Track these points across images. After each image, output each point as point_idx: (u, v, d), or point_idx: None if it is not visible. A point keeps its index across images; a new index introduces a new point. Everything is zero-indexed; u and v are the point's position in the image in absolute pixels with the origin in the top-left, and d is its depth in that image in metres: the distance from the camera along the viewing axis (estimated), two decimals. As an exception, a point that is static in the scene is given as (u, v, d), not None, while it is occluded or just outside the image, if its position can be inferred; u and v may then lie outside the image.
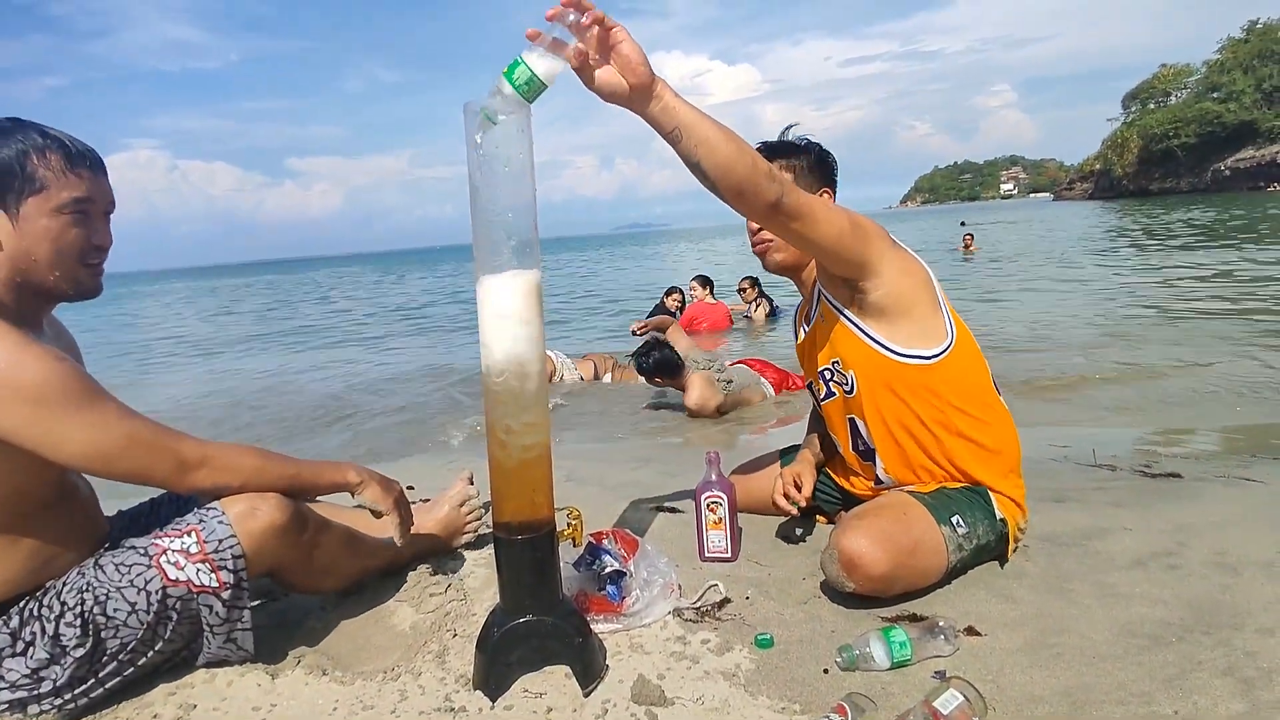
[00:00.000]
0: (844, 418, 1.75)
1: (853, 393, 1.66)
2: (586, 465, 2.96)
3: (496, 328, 1.17)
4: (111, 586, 1.22)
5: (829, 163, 1.73)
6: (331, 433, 4.58)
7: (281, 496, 1.33)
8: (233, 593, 1.26)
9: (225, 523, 1.26)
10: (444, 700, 1.24)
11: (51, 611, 1.21)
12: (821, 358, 1.73)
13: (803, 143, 1.75)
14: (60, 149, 1.22)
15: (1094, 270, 10.79)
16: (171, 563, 1.23)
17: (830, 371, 1.71)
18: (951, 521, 1.53)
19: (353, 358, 8.18)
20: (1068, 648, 1.32)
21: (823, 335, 1.70)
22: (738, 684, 1.26)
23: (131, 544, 1.27)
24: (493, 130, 1.11)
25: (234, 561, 1.25)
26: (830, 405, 1.77)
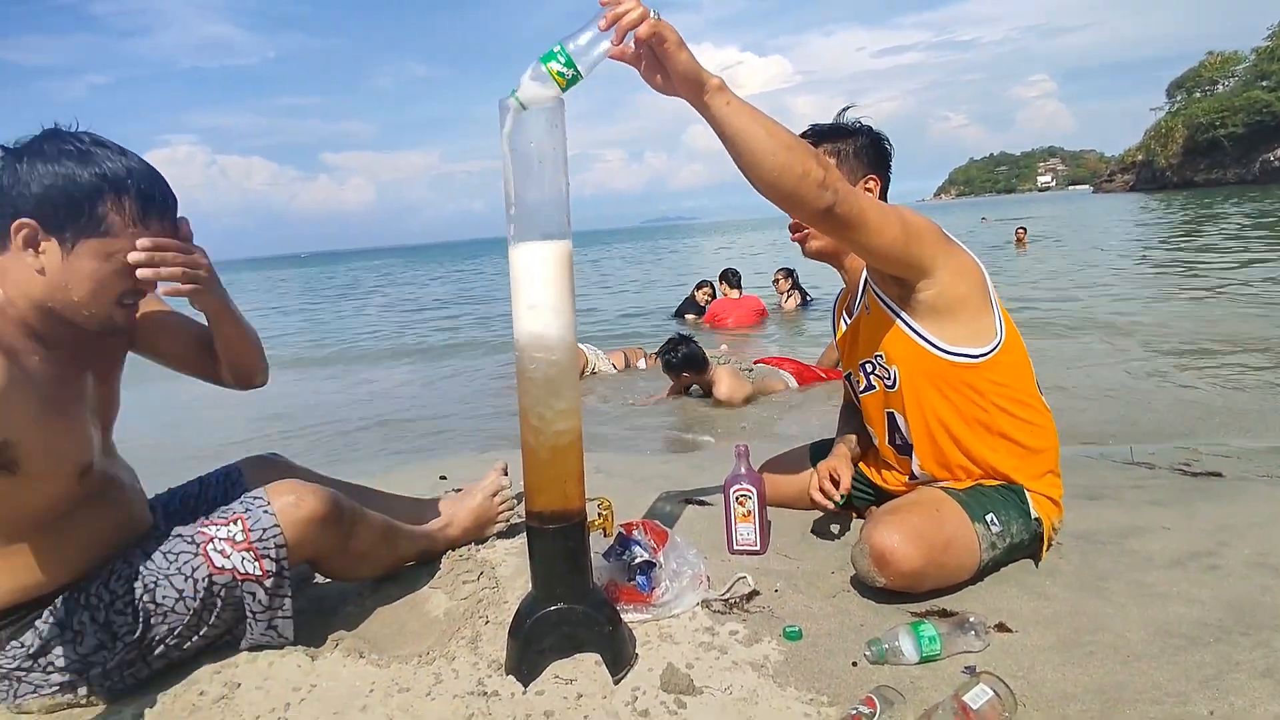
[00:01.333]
0: (883, 412, 1.73)
1: (894, 387, 1.64)
2: (616, 458, 2.99)
3: (529, 317, 1.19)
4: (160, 574, 1.27)
5: (882, 147, 1.69)
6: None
7: (322, 487, 1.38)
8: (275, 580, 1.30)
9: (270, 512, 1.30)
10: (477, 684, 1.27)
11: (101, 600, 1.25)
12: (864, 350, 1.70)
13: (854, 126, 1.71)
14: (139, 196, 1.17)
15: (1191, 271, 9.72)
16: (218, 550, 1.28)
17: (872, 364, 1.69)
18: (985, 519, 1.52)
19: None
20: (1101, 646, 1.31)
21: (867, 327, 1.68)
22: (766, 675, 1.27)
23: (178, 533, 1.32)
24: (526, 122, 1.13)
25: (276, 550, 1.29)
26: (869, 398, 1.75)
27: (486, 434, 4.07)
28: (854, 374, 1.79)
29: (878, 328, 1.64)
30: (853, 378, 1.81)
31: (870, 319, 1.66)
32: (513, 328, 1.21)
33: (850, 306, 1.79)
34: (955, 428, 1.61)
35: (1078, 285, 8.62)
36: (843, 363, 1.88)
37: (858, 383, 1.78)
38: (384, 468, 3.18)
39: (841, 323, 1.85)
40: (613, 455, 3.06)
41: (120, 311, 1.23)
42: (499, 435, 3.93)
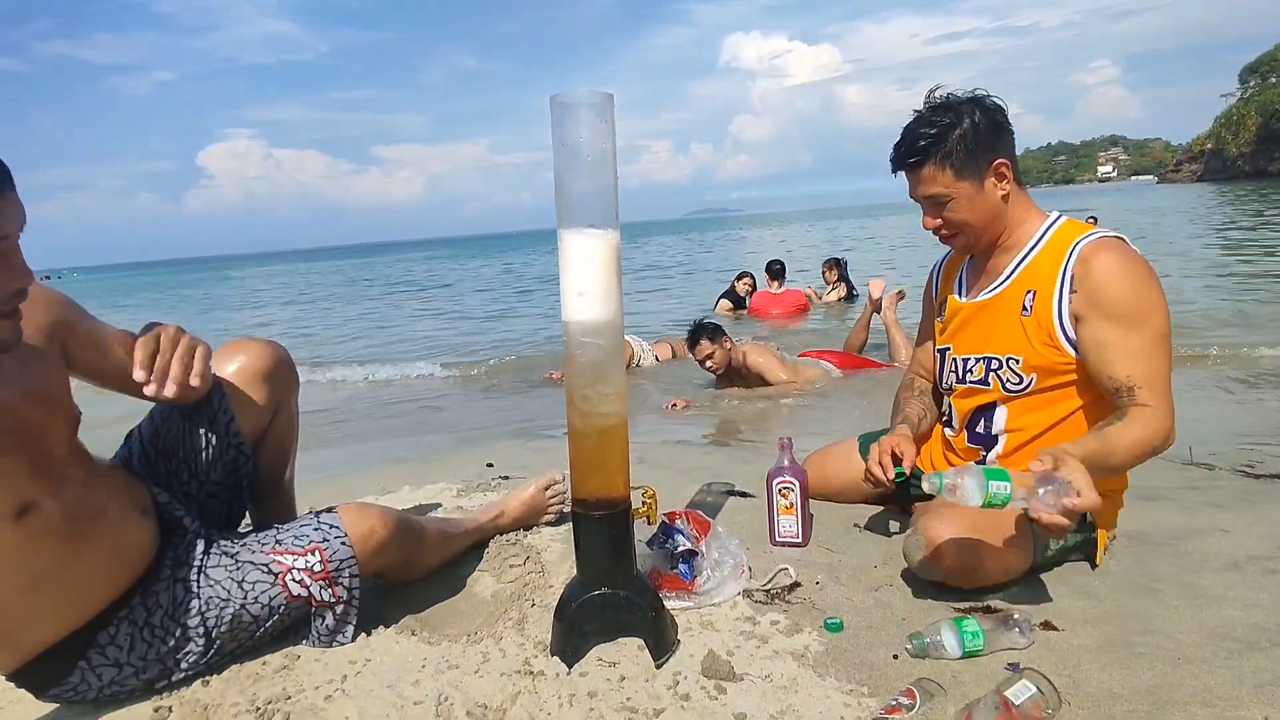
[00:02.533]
0: (976, 406, 1.64)
1: (1024, 391, 1.55)
2: (659, 449, 3.01)
3: (577, 304, 1.22)
4: (236, 603, 1.28)
5: (999, 123, 1.50)
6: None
7: (389, 511, 1.45)
8: (345, 606, 1.37)
9: (346, 544, 1.34)
10: (523, 664, 1.31)
11: (168, 633, 1.25)
12: (994, 344, 1.58)
13: (963, 101, 1.50)
14: None
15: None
16: (296, 580, 1.31)
17: (1000, 363, 1.57)
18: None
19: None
20: (1151, 648, 1.28)
21: (1011, 324, 1.55)
22: (806, 664, 1.28)
23: (250, 560, 1.32)
24: (576, 116, 1.16)
25: (350, 580, 1.35)
26: (972, 391, 1.64)
27: (535, 423, 4.14)
28: (963, 360, 1.66)
29: (1030, 333, 1.51)
30: (954, 360, 1.68)
31: (1025, 322, 1.52)
32: (561, 314, 1.25)
33: (980, 281, 1.63)
34: (1053, 432, 1.56)
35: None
36: (949, 338, 1.71)
37: (964, 371, 1.65)
38: (432, 455, 3.26)
39: (955, 293, 1.70)
40: (656, 446, 3.09)
41: (4, 325, 1.02)
42: (548, 425, 3.99)
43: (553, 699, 1.22)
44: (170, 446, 1.42)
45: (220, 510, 1.48)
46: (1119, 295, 1.41)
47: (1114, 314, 1.41)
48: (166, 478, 1.42)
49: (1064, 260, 1.48)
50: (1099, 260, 1.43)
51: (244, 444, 1.46)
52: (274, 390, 1.50)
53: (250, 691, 1.27)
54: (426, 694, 1.25)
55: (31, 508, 1.09)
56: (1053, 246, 1.52)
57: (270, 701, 1.24)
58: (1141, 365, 1.40)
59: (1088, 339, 1.45)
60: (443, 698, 1.23)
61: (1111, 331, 1.41)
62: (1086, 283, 1.44)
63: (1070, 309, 1.46)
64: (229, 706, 1.23)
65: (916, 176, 1.54)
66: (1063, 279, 1.47)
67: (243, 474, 1.48)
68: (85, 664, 1.20)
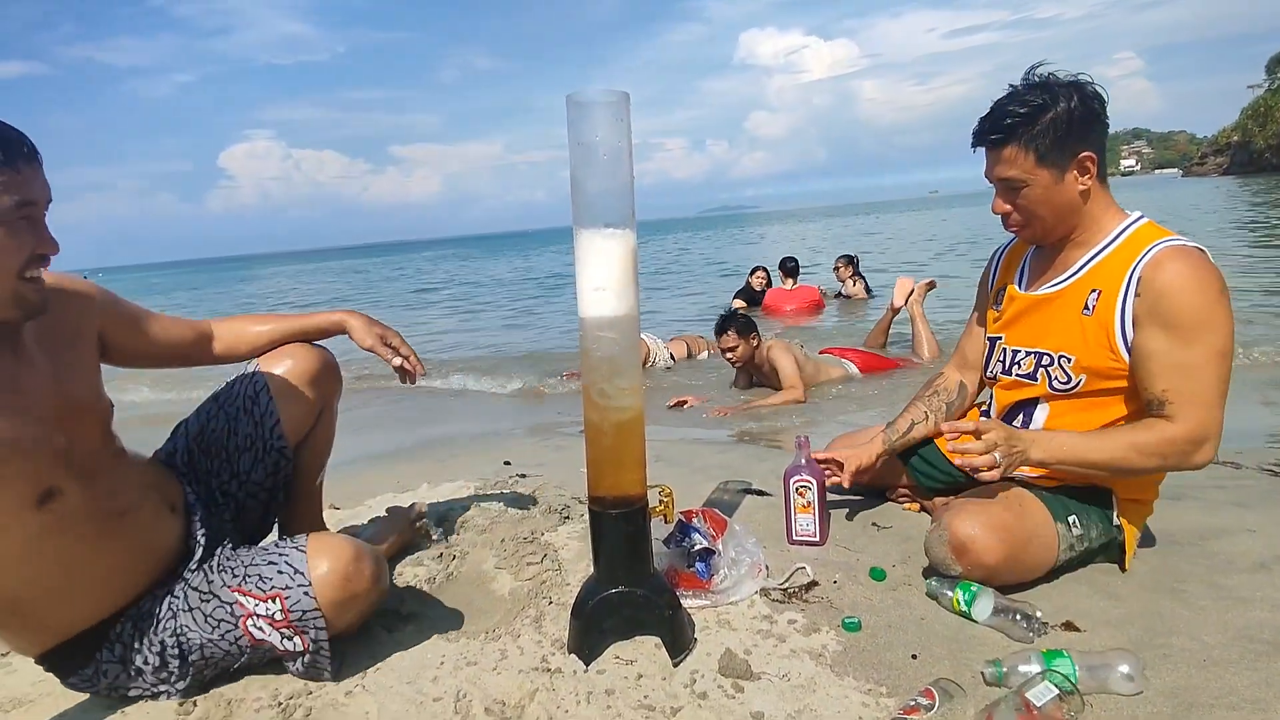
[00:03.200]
0: (1018, 400, 1.60)
1: (1071, 390, 1.50)
2: (676, 447, 3.01)
3: (593, 299, 1.23)
4: (202, 636, 1.23)
5: (1095, 113, 1.42)
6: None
7: (367, 550, 1.29)
8: (313, 656, 1.26)
9: (310, 594, 1.21)
10: (541, 661, 1.32)
11: (152, 645, 1.23)
12: (1049, 340, 1.52)
13: (1062, 84, 1.41)
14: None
15: None
16: (257, 627, 1.23)
17: (1051, 359, 1.52)
18: (1067, 520, 1.49)
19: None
20: (1176, 649, 1.27)
21: (1069, 323, 1.49)
22: (824, 664, 1.28)
23: (218, 595, 1.25)
24: (593, 115, 1.16)
25: (316, 632, 1.23)
26: (1016, 385, 1.60)
27: (552, 421, 4.15)
28: (1013, 352, 1.60)
29: (1089, 333, 1.45)
30: (1004, 350, 1.63)
31: (1085, 321, 1.46)
32: (578, 310, 1.25)
33: (1045, 274, 1.56)
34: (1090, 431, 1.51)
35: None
36: (1001, 328, 1.66)
37: (1011, 363, 1.60)
38: (449, 453, 3.28)
39: (1015, 282, 1.64)
40: (672, 444, 3.09)
41: (27, 286, 1.06)
42: (565, 422, 4.00)
43: (570, 696, 1.22)
44: (215, 445, 1.44)
45: (257, 510, 1.49)
46: (1180, 306, 1.34)
47: (1170, 324, 1.35)
48: (208, 475, 1.44)
49: (1135, 262, 1.40)
50: (1171, 267, 1.36)
51: (286, 447, 1.48)
52: (319, 394, 1.52)
53: (273, 687, 1.28)
54: (445, 690, 1.26)
55: (55, 494, 1.09)
56: (1127, 247, 1.44)
57: (292, 696, 1.25)
58: (1181, 380, 1.35)
59: (1139, 345, 1.39)
60: (461, 694, 1.24)
61: (1162, 341, 1.36)
62: (1152, 288, 1.37)
63: (1132, 313, 1.40)
64: (251, 701, 1.25)
65: (996, 155, 1.45)
66: (1129, 281, 1.40)
67: (282, 476, 1.50)
68: (98, 658, 1.22)
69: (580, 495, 2.14)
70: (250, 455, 1.45)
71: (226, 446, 1.44)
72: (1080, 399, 1.51)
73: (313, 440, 1.56)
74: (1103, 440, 1.41)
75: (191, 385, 4.98)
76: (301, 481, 1.58)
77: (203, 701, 1.26)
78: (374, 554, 1.31)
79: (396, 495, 2.37)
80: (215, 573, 1.28)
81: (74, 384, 1.18)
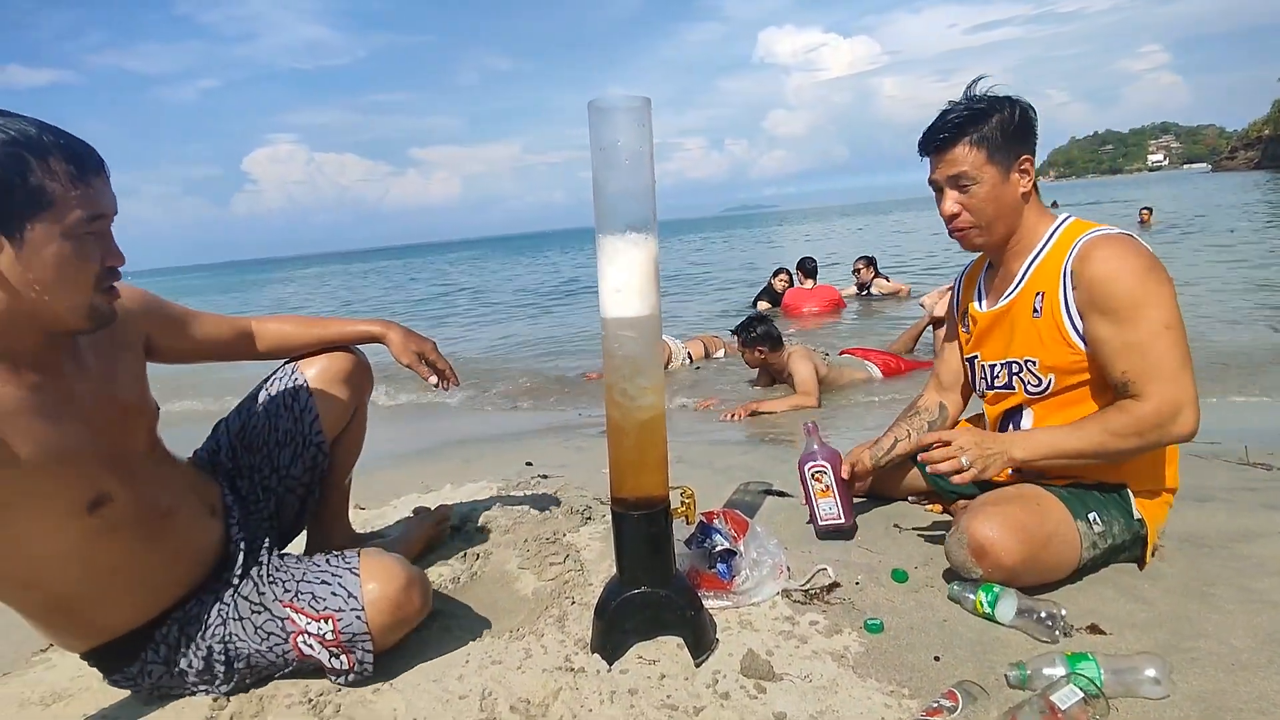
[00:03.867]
0: (1006, 409, 1.65)
1: (1044, 393, 1.55)
2: (697, 448, 3.02)
3: (615, 300, 1.24)
4: (251, 647, 1.26)
5: (1031, 122, 1.53)
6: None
7: (416, 575, 1.33)
8: (357, 671, 1.28)
9: (362, 619, 1.24)
10: (564, 660, 1.34)
11: (198, 650, 1.25)
12: (1014, 348, 1.59)
13: (996, 100, 1.51)
14: (66, 153, 1.00)
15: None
16: (307, 644, 1.26)
17: (1020, 366, 1.59)
18: (1088, 518, 1.48)
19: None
20: (1204, 653, 1.25)
21: (1027, 328, 1.55)
22: (846, 665, 1.28)
23: (269, 607, 1.27)
24: (614, 119, 1.18)
25: (363, 653, 1.26)
26: (1000, 396, 1.66)
27: (573, 422, 4.18)
28: (989, 367, 1.67)
29: (1043, 334, 1.52)
30: (982, 367, 1.70)
31: (1038, 324, 1.53)
32: (600, 311, 1.26)
33: (997, 288, 1.64)
34: None
35: (1208, 269, 8.05)
36: (972, 347, 1.73)
37: (991, 377, 1.67)
38: (473, 454, 3.31)
39: (975, 301, 1.72)
40: (693, 445, 3.09)
41: (102, 298, 1.08)
42: (586, 424, 4.02)
43: (594, 695, 1.24)
44: (256, 441, 1.48)
45: (295, 504, 1.53)
46: (1113, 290, 1.40)
47: (1108, 308, 1.41)
48: (250, 471, 1.48)
49: (1065, 259, 1.48)
50: (1096, 255, 1.43)
51: (324, 442, 1.52)
52: (353, 393, 1.57)
53: (303, 683, 1.31)
54: (471, 688, 1.28)
55: (105, 500, 1.11)
56: (1058, 247, 1.52)
57: (322, 693, 1.28)
58: (1136, 360, 1.39)
59: (1089, 335, 1.46)
60: (486, 692, 1.26)
61: (1106, 326, 1.42)
62: (1083, 278, 1.44)
63: (1075, 306, 1.47)
64: (283, 698, 1.28)
65: (946, 155, 1.52)
66: (1064, 277, 1.48)
67: (319, 470, 1.54)
68: (144, 658, 1.25)
69: (601, 496, 2.16)
70: (290, 450, 1.49)
71: (268, 442, 1.49)
72: (1057, 397, 1.55)
73: (345, 438, 1.61)
74: (1079, 430, 1.45)
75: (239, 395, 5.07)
76: (332, 478, 1.62)
77: (235, 697, 1.29)
78: (422, 579, 1.35)
79: (421, 495, 2.40)
80: (266, 584, 1.30)
81: (124, 389, 1.21)
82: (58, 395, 1.08)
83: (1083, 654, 1.18)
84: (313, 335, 1.56)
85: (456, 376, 1.65)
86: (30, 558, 1.09)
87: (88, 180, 1.02)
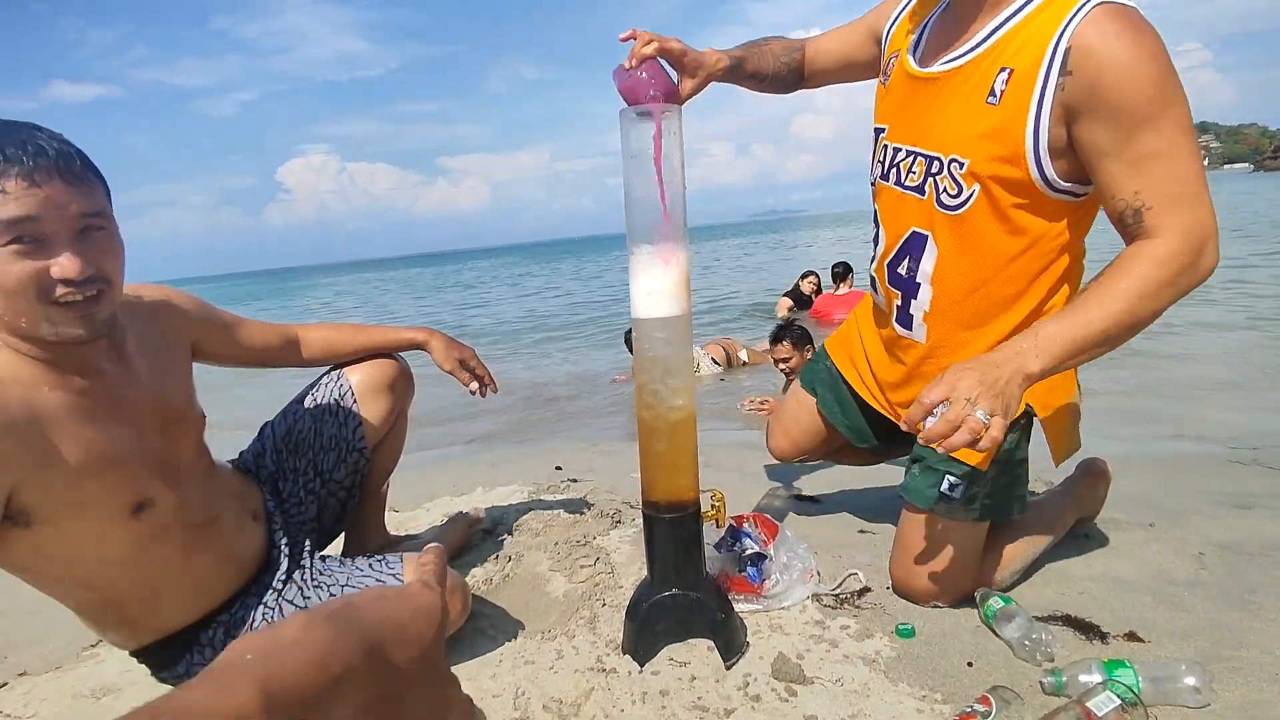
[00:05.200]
0: (907, 227, 1.32)
1: (959, 211, 1.23)
2: (725, 452, 3.02)
3: (645, 302, 1.25)
4: None
5: None
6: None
7: (463, 594, 1.36)
8: None
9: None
10: (596, 661, 1.35)
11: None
12: (943, 138, 1.23)
13: None
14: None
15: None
16: None
17: (941, 165, 1.23)
18: (949, 496, 1.37)
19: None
20: (1246, 662, 1.23)
21: (967, 110, 1.18)
22: (878, 670, 1.28)
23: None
24: (645, 128, 1.19)
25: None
26: (898, 198, 1.33)
27: (600, 424, 4.20)
28: (894, 151, 1.33)
29: (993, 128, 1.16)
30: (885, 147, 1.35)
31: (989, 113, 1.16)
32: (631, 313, 1.28)
33: (942, 41, 1.26)
34: (981, 293, 1.28)
35: (1245, 272, 7.85)
36: (884, 114, 1.37)
37: (890, 163, 1.33)
38: (502, 458, 3.34)
39: (910, 52, 1.31)
40: (722, 449, 3.09)
41: (57, 311, 0.97)
42: (615, 428, 4.04)
43: (625, 696, 1.25)
44: (302, 444, 1.53)
45: (336, 508, 1.57)
46: (1134, 83, 1.04)
47: (1123, 108, 1.06)
48: (294, 474, 1.52)
49: (1060, 27, 1.09)
50: (1111, 30, 1.05)
51: (366, 448, 1.56)
52: (396, 400, 1.61)
53: (341, 680, 1.34)
54: (504, 687, 1.30)
55: (148, 505, 1.13)
56: (1048, 9, 1.13)
57: (359, 690, 1.30)
58: (1157, 177, 1.07)
59: (1085, 143, 1.10)
60: (519, 691, 1.28)
61: (1113, 134, 1.07)
62: (1090, 61, 1.06)
63: (1059, 99, 1.10)
64: (322, 694, 1.31)
65: None
66: (1053, 58, 1.10)
67: (361, 475, 1.58)
68: (189, 659, 1.28)
69: (630, 500, 2.17)
70: (334, 455, 1.53)
71: (313, 446, 1.53)
72: (970, 225, 1.23)
73: (386, 444, 1.65)
74: (1096, 305, 1.08)
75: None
76: (371, 482, 1.65)
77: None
78: (463, 585, 1.38)
79: (453, 498, 2.43)
80: (310, 588, 1.33)
81: (172, 394, 1.22)
82: (104, 399, 1.09)
83: (1120, 660, 1.16)
84: (358, 342, 1.59)
85: (495, 383, 1.68)
86: (82, 559, 1.12)
87: (38, 182, 0.92)
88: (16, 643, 1.68)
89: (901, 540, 1.51)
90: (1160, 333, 4.79)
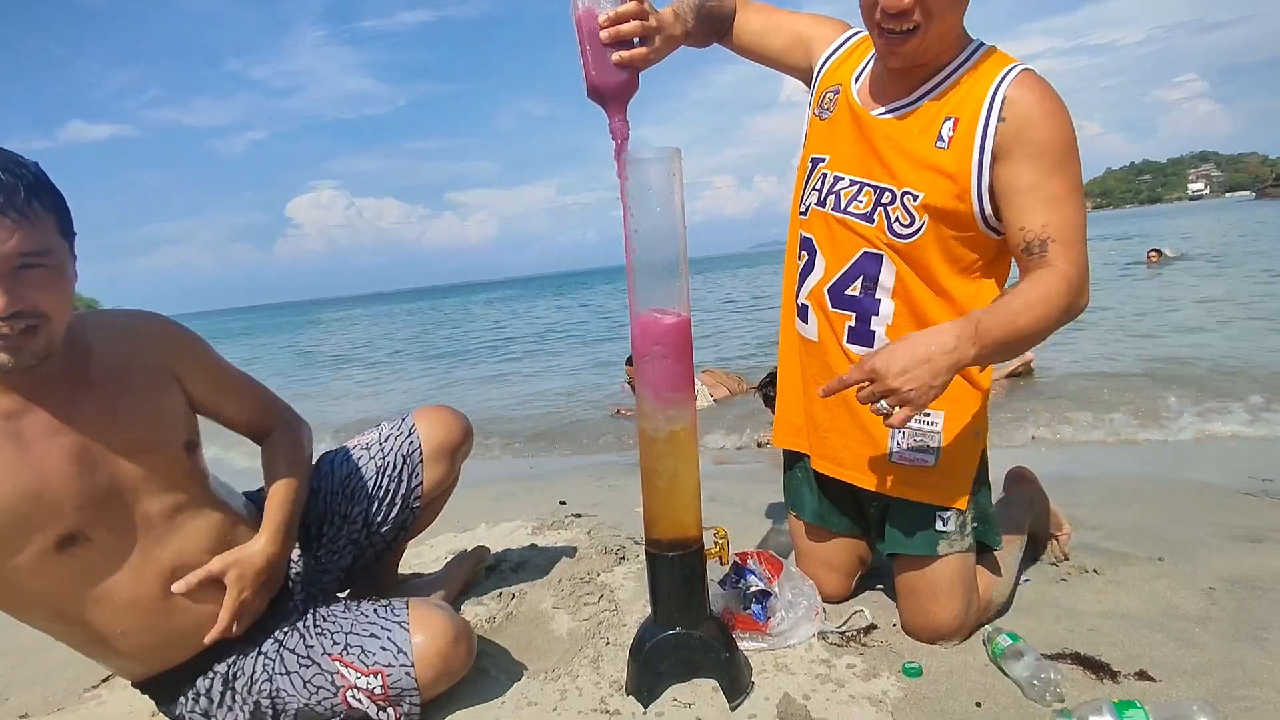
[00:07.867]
0: (857, 250, 1.39)
1: (911, 238, 1.34)
2: (729, 486, 3.01)
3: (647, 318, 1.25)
4: (300, 701, 1.27)
5: None
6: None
7: (469, 642, 1.33)
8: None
9: (411, 675, 1.25)
10: (600, 702, 1.33)
11: (245, 704, 1.26)
12: (892, 173, 1.34)
13: None
14: None
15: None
16: (355, 698, 1.26)
17: (894, 197, 1.34)
18: (944, 532, 1.44)
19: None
20: (1259, 701, 1.21)
21: (915, 150, 1.31)
22: (884, 710, 1.26)
23: (318, 661, 1.27)
24: (646, 169, 1.21)
25: (410, 706, 1.28)
26: (851, 229, 1.39)
27: (603, 458, 4.19)
28: (835, 179, 1.42)
29: (942, 167, 1.29)
30: (825, 175, 1.43)
31: (937, 155, 1.30)
32: (631, 345, 1.29)
33: (884, 93, 1.37)
34: (938, 304, 1.38)
35: (1241, 310, 7.85)
36: (823, 144, 1.45)
37: (828, 190, 1.42)
38: (505, 493, 3.34)
39: (853, 84, 1.41)
40: (726, 484, 3.08)
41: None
42: (618, 463, 4.03)
43: (629, 738, 1.23)
44: (358, 494, 1.50)
45: (371, 558, 1.55)
46: (1051, 131, 1.23)
47: (1040, 151, 1.23)
48: (342, 521, 1.48)
49: (995, 83, 1.26)
50: (1035, 88, 1.24)
51: (419, 507, 1.55)
52: (457, 461, 1.61)
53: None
54: (507, 730, 1.28)
55: (79, 539, 1.06)
56: (983, 70, 1.29)
57: (360, 733, 1.29)
58: (1058, 214, 1.22)
59: (1005, 181, 1.25)
60: (523, 734, 1.26)
61: (1032, 173, 1.23)
62: (1017, 110, 1.24)
63: (995, 142, 1.25)
64: (323, 736, 1.29)
65: None
66: (991, 104, 1.26)
67: (405, 531, 1.57)
68: (184, 700, 1.26)
69: (634, 536, 2.16)
70: (387, 510, 1.51)
71: (370, 495, 1.49)
72: (921, 252, 1.34)
73: (434, 502, 1.62)
74: (1020, 301, 1.20)
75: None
76: (407, 535, 1.62)
77: (277, 735, 1.31)
78: (469, 633, 1.35)
79: (456, 534, 2.42)
80: (314, 636, 1.30)
81: (134, 423, 1.13)
82: (39, 424, 1.04)
83: (1130, 701, 1.15)
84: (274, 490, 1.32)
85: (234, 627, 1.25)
86: (30, 590, 1.08)
87: None
88: (18, 683, 1.67)
89: (906, 589, 1.51)
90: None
